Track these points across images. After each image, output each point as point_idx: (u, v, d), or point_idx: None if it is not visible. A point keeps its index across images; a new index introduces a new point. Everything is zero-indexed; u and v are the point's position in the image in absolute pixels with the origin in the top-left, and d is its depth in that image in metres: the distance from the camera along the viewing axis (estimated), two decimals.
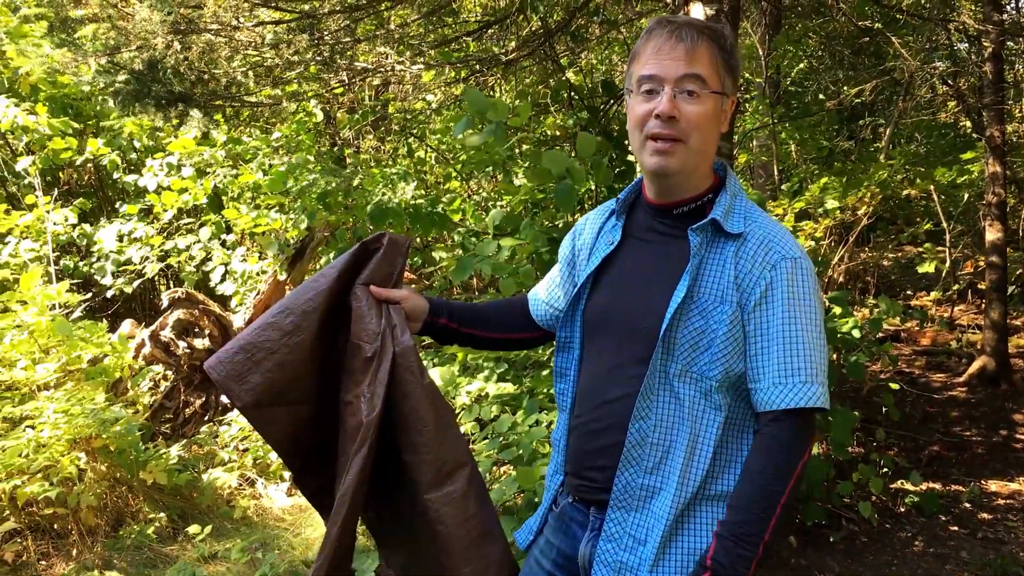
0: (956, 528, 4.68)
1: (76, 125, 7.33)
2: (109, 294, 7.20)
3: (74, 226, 7.15)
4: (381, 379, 1.73)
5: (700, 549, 1.66)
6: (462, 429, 4.68)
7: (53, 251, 6.81)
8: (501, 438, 4.09)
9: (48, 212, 6.78)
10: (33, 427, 4.62)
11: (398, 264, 1.89)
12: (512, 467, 4.05)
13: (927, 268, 8.25)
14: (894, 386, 5.64)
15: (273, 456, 5.41)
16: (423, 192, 6.69)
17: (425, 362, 5.28)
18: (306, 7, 5.60)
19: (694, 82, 1.66)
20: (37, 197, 6.89)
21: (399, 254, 1.90)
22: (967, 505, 4.94)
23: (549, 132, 6.89)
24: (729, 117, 1.76)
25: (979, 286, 8.43)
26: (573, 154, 3.98)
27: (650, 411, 1.70)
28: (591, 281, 1.87)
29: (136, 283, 7.25)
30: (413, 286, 6.75)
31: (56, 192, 7.45)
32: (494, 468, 4.32)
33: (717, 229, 1.70)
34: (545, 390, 4.36)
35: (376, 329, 1.79)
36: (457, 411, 4.80)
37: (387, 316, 1.81)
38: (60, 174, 7.83)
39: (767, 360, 1.63)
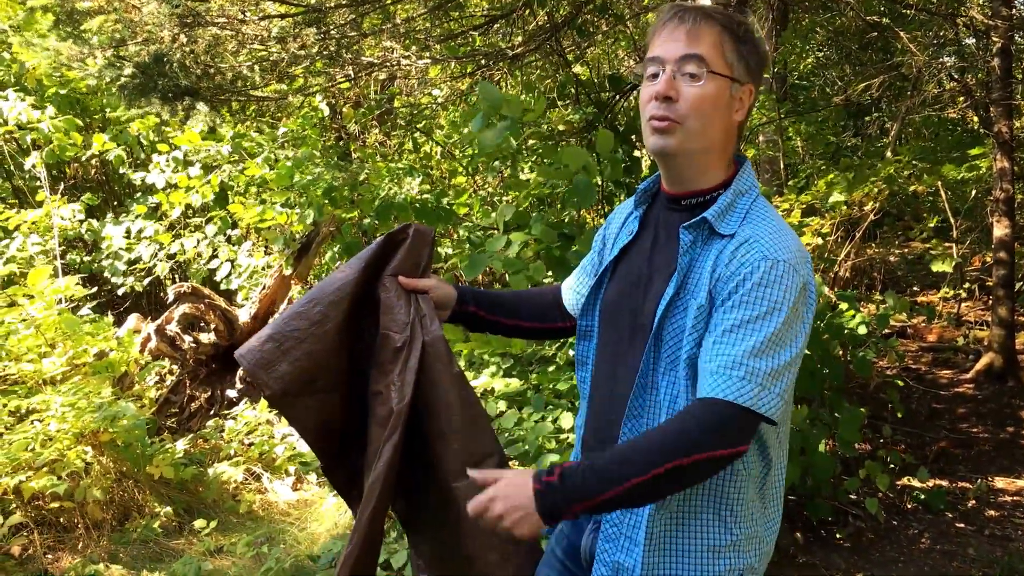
0: (963, 525, 4.66)
1: (79, 123, 7.33)
2: (120, 291, 7.22)
3: (81, 221, 7.17)
4: (411, 368, 1.74)
5: (692, 551, 1.66)
6: None
7: (59, 246, 6.82)
8: (507, 434, 4.08)
9: (55, 207, 6.79)
10: (40, 421, 4.62)
11: (425, 254, 1.91)
12: (519, 463, 4.05)
13: (945, 267, 8.14)
14: (899, 383, 5.62)
15: (279, 451, 5.42)
16: (429, 187, 6.69)
17: None
18: (312, 1, 5.58)
19: (694, 62, 1.62)
20: (45, 192, 6.90)
21: (425, 244, 1.91)
22: (974, 502, 4.92)
23: (555, 127, 6.88)
24: (747, 106, 1.70)
25: (987, 282, 8.40)
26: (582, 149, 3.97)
27: (643, 411, 1.69)
28: (610, 271, 1.86)
29: (146, 280, 7.28)
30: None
31: (62, 186, 7.46)
32: None
33: (710, 228, 1.65)
34: (551, 386, 4.35)
35: (405, 319, 1.81)
36: None
37: (416, 306, 1.83)
38: (66, 169, 7.84)
39: (717, 350, 1.55)
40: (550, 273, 3.79)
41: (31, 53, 6.08)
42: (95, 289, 7.05)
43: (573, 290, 2.07)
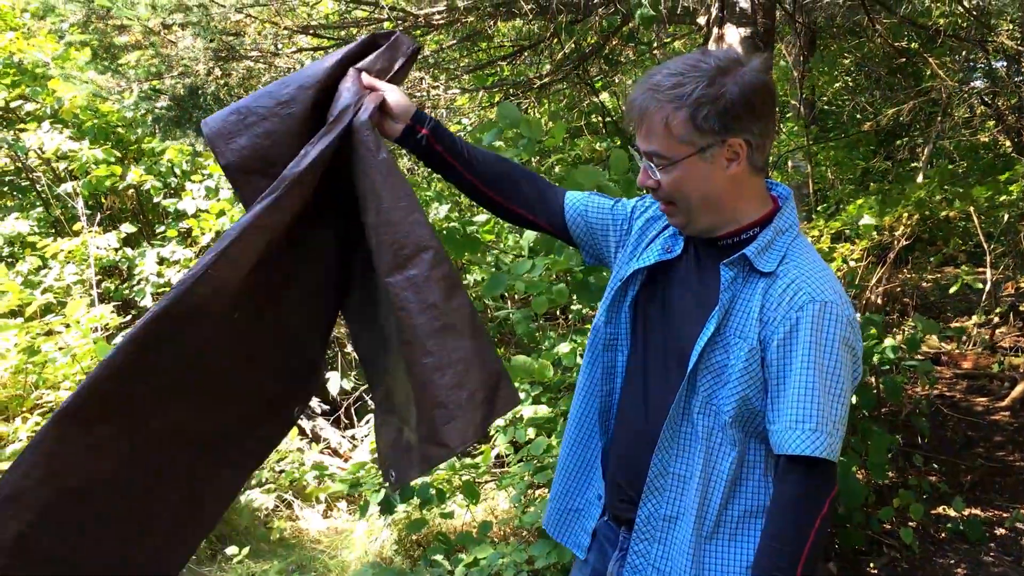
0: (1000, 555, 4.59)
1: (118, 154, 7.47)
2: None
3: (116, 250, 7.27)
4: (323, 141, 1.71)
5: None
6: (497, 448, 4.68)
7: (96, 275, 6.92)
8: (536, 461, 4.08)
9: (91, 236, 6.91)
10: None
11: (398, 61, 1.88)
12: (548, 489, 4.04)
13: (957, 286, 8.08)
14: (924, 414, 5.55)
15: (309, 478, 5.43)
16: (456, 215, 6.73)
17: None
18: (343, 33, 5.68)
19: (654, 158, 1.66)
20: (82, 223, 7.03)
21: (402, 54, 1.89)
22: (1010, 532, 4.84)
23: (582, 155, 6.91)
24: (743, 155, 1.64)
25: (1021, 308, 8.29)
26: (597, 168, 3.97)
27: (673, 442, 1.70)
28: (638, 279, 1.84)
29: None
30: None
31: (99, 216, 7.59)
32: (529, 491, 4.31)
33: (750, 265, 1.66)
34: None
35: (346, 104, 1.77)
36: (492, 433, 4.79)
37: (362, 97, 1.79)
38: (103, 199, 7.97)
39: (782, 403, 1.60)
40: (574, 297, 3.80)
41: (70, 86, 6.23)
42: (129, 317, 7.14)
43: (582, 204, 1.98)
